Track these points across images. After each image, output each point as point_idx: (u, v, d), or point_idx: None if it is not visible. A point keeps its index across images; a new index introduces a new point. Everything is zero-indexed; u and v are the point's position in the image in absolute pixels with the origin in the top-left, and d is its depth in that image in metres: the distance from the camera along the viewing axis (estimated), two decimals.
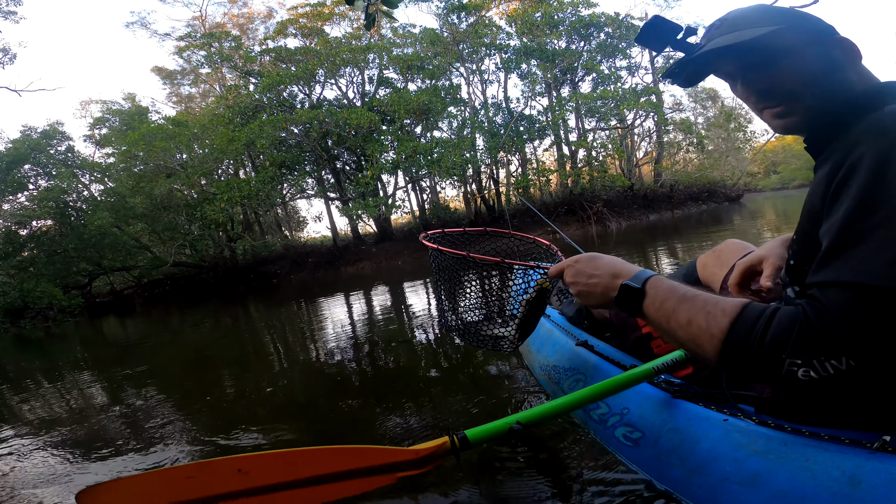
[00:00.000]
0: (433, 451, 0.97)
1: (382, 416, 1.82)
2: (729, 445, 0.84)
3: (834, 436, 0.73)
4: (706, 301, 0.64)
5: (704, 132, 17.97)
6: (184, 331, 6.20)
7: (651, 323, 0.71)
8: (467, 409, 1.74)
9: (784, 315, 0.57)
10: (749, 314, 0.60)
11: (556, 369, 1.47)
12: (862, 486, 0.65)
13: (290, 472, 0.92)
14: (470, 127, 13.91)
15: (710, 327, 0.62)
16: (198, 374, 3.29)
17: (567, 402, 1.04)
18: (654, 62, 17.12)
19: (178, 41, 16.38)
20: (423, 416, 1.74)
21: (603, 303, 0.79)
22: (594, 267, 0.80)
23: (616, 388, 1.04)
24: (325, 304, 6.14)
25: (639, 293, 0.71)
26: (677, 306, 0.66)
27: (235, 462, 0.89)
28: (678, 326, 0.66)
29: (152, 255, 14.30)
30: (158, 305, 11.22)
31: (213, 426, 1.99)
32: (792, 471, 0.74)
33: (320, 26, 15.26)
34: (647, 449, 1.00)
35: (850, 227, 0.56)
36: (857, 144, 0.59)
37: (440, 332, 3.11)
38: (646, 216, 14.55)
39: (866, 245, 0.54)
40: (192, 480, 0.89)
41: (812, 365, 0.54)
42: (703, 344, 0.63)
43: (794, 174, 35.80)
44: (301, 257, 14.10)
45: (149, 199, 13.71)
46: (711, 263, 1.14)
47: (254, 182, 12.56)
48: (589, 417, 1.22)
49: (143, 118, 16.28)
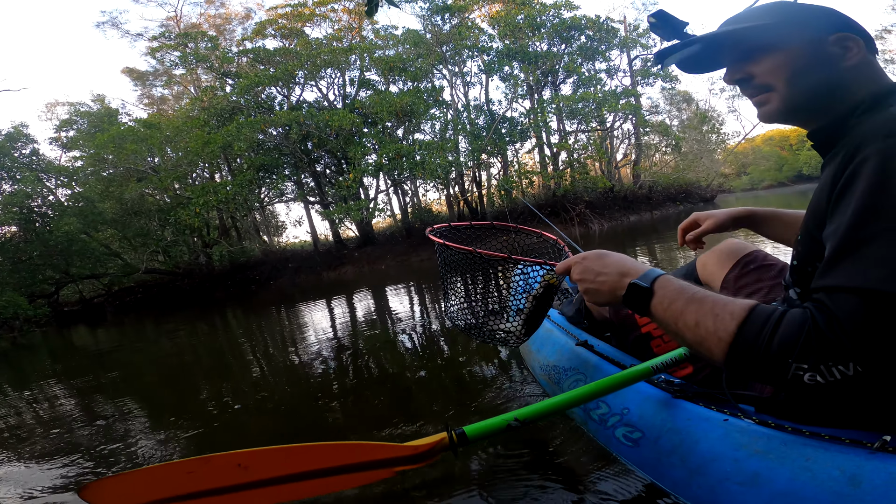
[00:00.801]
0: (431, 446, 0.97)
1: (371, 420, 1.79)
2: (729, 445, 0.84)
3: (834, 436, 0.73)
4: (714, 303, 0.64)
5: (680, 134, 18.47)
6: (158, 339, 6.02)
7: (658, 323, 0.71)
8: (460, 409, 1.73)
9: (791, 319, 0.57)
10: (756, 318, 0.59)
11: (556, 369, 1.48)
12: (862, 486, 0.65)
13: (289, 466, 0.94)
14: (453, 129, 13.94)
15: (718, 330, 0.62)
16: (174, 383, 3.19)
17: (565, 400, 1.04)
18: (632, 65, 17.51)
19: (150, 41, 15.97)
20: (411, 418, 1.72)
21: (610, 301, 0.79)
22: (602, 265, 0.80)
23: (614, 387, 1.05)
24: (306, 309, 6.04)
25: (647, 292, 0.71)
26: (685, 307, 0.66)
27: (235, 457, 0.91)
28: (686, 328, 0.66)
29: (123, 262, 13.82)
30: (130, 314, 10.86)
31: (194, 434, 1.93)
32: (792, 471, 0.74)
33: (300, 27, 15.09)
34: (647, 449, 1.00)
35: (858, 230, 0.56)
36: (862, 146, 0.59)
37: (446, 325, 3.10)
38: (626, 217, 14.82)
39: (875, 249, 0.54)
40: (192, 475, 0.91)
41: (819, 370, 0.54)
42: (711, 347, 0.63)
43: (763, 175, 37.06)
44: (280, 262, 13.85)
45: (119, 203, 13.23)
46: (711, 263, 1.15)
47: (231, 185, 12.29)
48: (589, 418, 1.23)
49: (113, 120, 15.75)
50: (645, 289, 0.71)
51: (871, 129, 0.61)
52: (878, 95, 0.66)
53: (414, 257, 12.56)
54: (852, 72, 0.69)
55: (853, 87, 0.69)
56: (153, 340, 6.02)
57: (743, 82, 0.75)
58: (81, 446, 1.96)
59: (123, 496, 0.92)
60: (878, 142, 0.58)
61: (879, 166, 0.56)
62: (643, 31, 17.26)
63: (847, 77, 0.69)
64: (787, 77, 0.71)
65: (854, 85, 0.69)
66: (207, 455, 0.89)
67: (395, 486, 1.20)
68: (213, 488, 0.92)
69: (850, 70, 0.69)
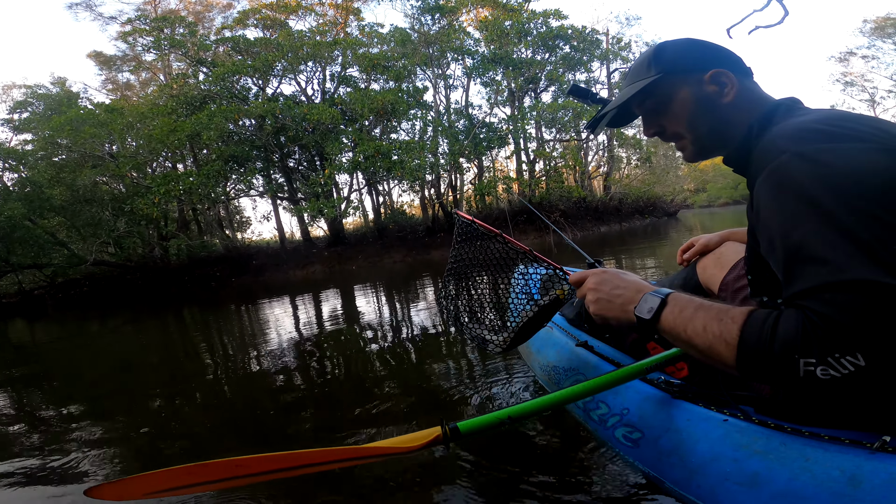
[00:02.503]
0: (425, 442, 1.00)
1: (344, 423, 1.74)
2: (729, 446, 0.85)
3: (834, 436, 0.74)
4: (720, 309, 0.68)
5: (651, 148, 19.24)
6: (104, 335, 5.71)
7: (669, 334, 0.74)
8: (452, 406, 1.74)
9: (787, 317, 0.60)
10: (754, 320, 0.63)
11: (555, 370, 1.50)
12: (862, 486, 0.67)
13: (287, 472, 1.00)
14: (433, 130, 13.96)
15: (724, 333, 0.65)
16: (119, 383, 2.99)
17: (559, 397, 1.05)
18: (610, 77, 18.09)
19: (124, 25, 15.27)
20: (400, 417, 1.71)
21: (619, 315, 0.82)
22: (620, 280, 0.85)
23: (608, 385, 1.06)
24: (270, 308, 5.87)
25: (660, 303, 0.75)
26: (694, 314, 0.70)
27: (233, 461, 0.94)
28: (695, 333, 0.69)
29: (70, 252, 13.04)
30: (75, 308, 10.25)
31: (141, 444, 1.81)
32: (792, 471, 0.75)
33: (284, 19, 14.79)
34: (646, 449, 1.01)
35: (788, 239, 0.62)
36: (757, 171, 0.68)
37: (441, 321, 3.07)
38: (597, 227, 15.22)
39: (809, 250, 0.60)
40: (190, 476, 0.94)
41: (827, 362, 0.56)
42: (721, 351, 0.65)
43: (720, 192, 38.98)
44: (244, 259, 13.43)
45: (70, 190, 12.53)
46: (711, 266, 1.19)
47: (196, 176, 11.82)
48: (589, 418, 1.24)
49: (73, 104, 14.97)
50: (658, 299, 0.76)
51: (757, 156, 0.70)
52: (763, 118, 0.76)
53: (387, 259, 12.45)
54: (733, 107, 0.78)
55: (739, 118, 0.78)
56: (98, 336, 5.70)
57: (659, 135, 0.86)
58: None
59: (125, 493, 0.95)
60: (764, 168, 0.67)
61: (772, 190, 0.65)
62: (624, 45, 17.92)
63: (730, 111, 0.79)
64: (686, 125, 0.82)
65: (739, 116, 0.78)
66: (203, 462, 0.92)
67: (396, 486, 1.21)
68: (211, 480, 0.97)
69: (731, 105, 0.78)
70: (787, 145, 0.65)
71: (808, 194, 0.60)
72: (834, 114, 0.68)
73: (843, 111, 0.71)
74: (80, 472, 1.56)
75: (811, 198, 0.60)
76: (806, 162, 0.62)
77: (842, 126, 0.64)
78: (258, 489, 1.26)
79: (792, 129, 0.67)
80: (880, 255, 0.55)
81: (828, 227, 0.58)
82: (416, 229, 14.54)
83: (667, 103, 0.82)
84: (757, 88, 0.81)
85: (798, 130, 0.66)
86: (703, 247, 1.25)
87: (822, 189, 0.59)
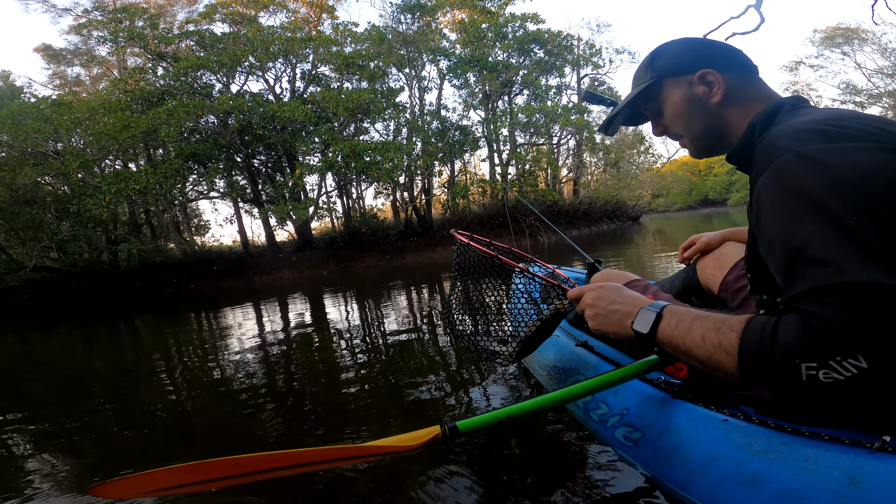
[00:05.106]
0: (424, 441, 1.01)
1: (344, 423, 1.74)
2: (729, 445, 0.87)
3: (834, 436, 0.76)
4: (717, 318, 0.69)
5: (619, 153, 19.89)
6: (45, 344, 5.39)
7: (668, 346, 0.75)
8: (451, 406, 1.75)
9: (786, 322, 0.61)
10: (753, 327, 0.64)
11: (556, 369, 1.52)
12: (862, 486, 0.68)
13: (286, 465, 1.00)
14: (408, 131, 13.89)
15: (723, 343, 0.66)
16: (64, 396, 2.81)
17: (558, 397, 1.06)
18: (580, 83, 18.58)
19: (79, 17, 14.49)
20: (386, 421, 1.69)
21: (616, 330, 0.84)
22: (619, 295, 0.86)
23: (608, 384, 1.07)
24: (232, 315, 5.67)
25: (656, 316, 0.77)
26: (692, 325, 0.71)
27: (233, 460, 0.95)
28: (694, 344, 0.70)
29: (8, 257, 12.27)
30: (13, 317, 9.63)
31: (95, 455, 1.74)
32: (792, 471, 0.76)
33: (254, 15, 14.43)
34: (646, 449, 1.02)
35: (788, 242, 0.62)
36: (759, 170, 0.69)
37: (444, 331, 3.07)
38: (568, 231, 15.50)
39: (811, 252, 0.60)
40: (191, 475, 0.95)
41: (829, 366, 0.57)
42: (722, 360, 0.66)
43: (676, 198, 40.85)
44: (204, 265, 12.93)
45: (8, 190, 11.76)
46: (711, 265, 1.21)
47: (153, 174, 11.29)
48: (589, 418, 1.25)
49: (16, 97, 14.12)
50: (654, 314, 0.77)
51: (757, 156, 0.71)
52: (766, 117, 0.77)
53: (360, 263, 12.28)
54: (723, 107, 0.81)
55: (736, 117, 0.80)
56: (39, 345, 5.38)
57: (665, 134, 0.90)
58: None
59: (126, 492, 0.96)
60: (764, 169, 0.67)
61: (773, 191, 0.65)
62: (595, 52, 18.47)
63: (721, 111, 0.81)
64: (684, 127, 0.85)
65: (735, 114, 0.80)
66: (205, 460, 0.92)
67: (395, 485, 1.21)
68: (211, 479, 0.97)
69: (721, 106, 0.80)
70: (788, 145, 0.65)
71: (809, 195, 0.61)
72: (836, 113, 0.69)
73: (847, 110, 0.71)
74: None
75: (812, 199, 0.60)
76: (807, 162, 0.62)
77: (843, 125, 0.65)
78: (258, 488, 1.25)
79: (793, 129, 0.68)
80: (882, 255, 0.56)
81: (829, 228, 0.58)
82: (388, 233, 14.41)
83: (663, 106, 0.86)
84: (760, 85, 0.81)
85: (799, 130, 0.67)
86: (704, 246, 1.28)
87: (824, 189, 0.60)
